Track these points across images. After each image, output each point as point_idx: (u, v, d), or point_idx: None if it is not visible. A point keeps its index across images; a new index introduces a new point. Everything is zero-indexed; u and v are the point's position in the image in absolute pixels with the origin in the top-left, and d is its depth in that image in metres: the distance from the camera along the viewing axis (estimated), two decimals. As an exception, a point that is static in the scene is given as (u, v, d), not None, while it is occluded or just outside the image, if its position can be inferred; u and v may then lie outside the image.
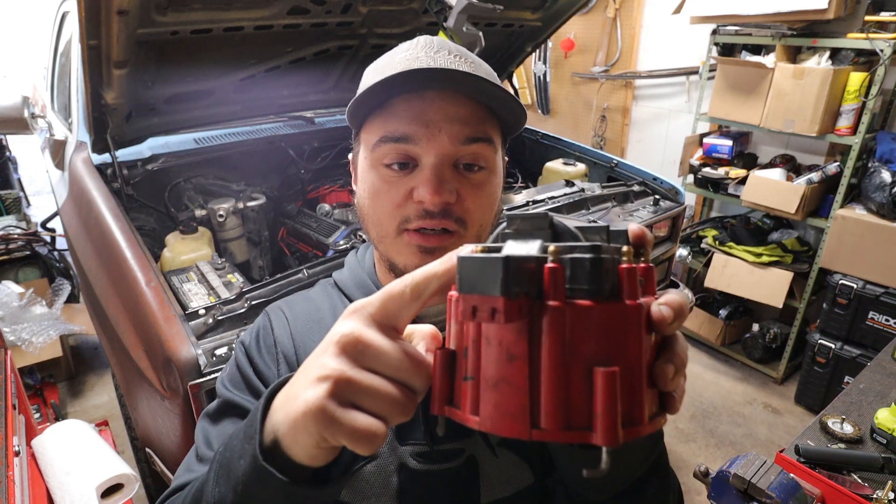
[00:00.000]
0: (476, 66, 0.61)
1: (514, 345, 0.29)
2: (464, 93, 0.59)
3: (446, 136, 0.57)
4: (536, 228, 0.34)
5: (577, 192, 2.04)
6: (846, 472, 1.25)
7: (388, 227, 0.61)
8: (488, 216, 0.63)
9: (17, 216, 3.28)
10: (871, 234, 2.42)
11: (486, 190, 0.62)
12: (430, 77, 0.56)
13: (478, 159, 0.60)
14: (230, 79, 1.83)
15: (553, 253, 0.29)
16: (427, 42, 0.62)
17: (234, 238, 1.88)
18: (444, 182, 0.58)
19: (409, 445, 0.64)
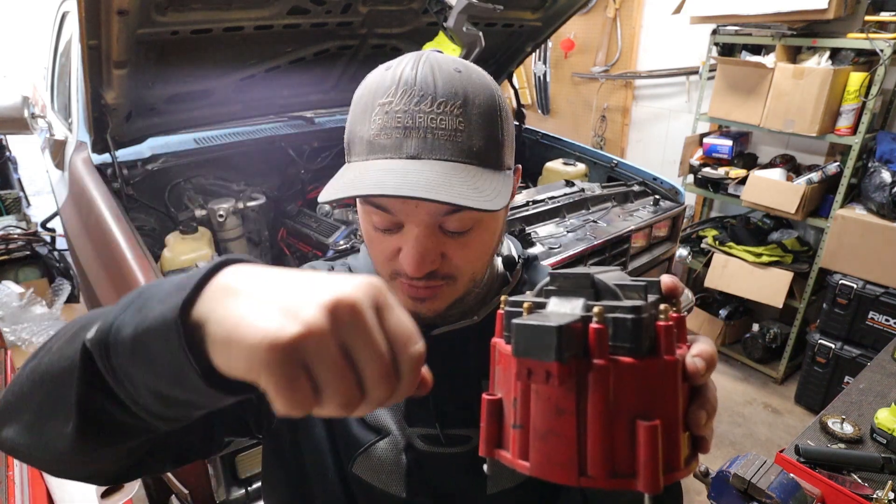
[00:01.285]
0: (465, 112, 0.54)
1: (562, 400, 0.32)
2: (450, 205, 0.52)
3: (424, 212, 0.55)
4: (579, 287, 0.36)
5: (577, 192, 2.04)
6: (846, 472, 1.25)
7: (382, 271, 0.61)
8: (482, 262, 0.62)
9: (17, 216, 3.28)
10: (871, 234, 2.42)
11: (475, 245, 0.59)
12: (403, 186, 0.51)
13: (464, 225, 0.57)
14: (230, 79, 1.83)
15: (598, 314, 0.31)
16: (406, 86, 0.53)
17: (234, 238, 1.88)
18: (426, 255, 0.55)
19: (417, 427, 0.67)
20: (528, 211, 1.86)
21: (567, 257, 1.70)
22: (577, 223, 1.90)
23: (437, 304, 0.61)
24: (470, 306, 0.70)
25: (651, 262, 2.11)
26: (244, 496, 1.39)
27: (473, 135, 0.54)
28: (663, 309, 0.33)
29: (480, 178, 0.53)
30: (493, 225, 0.61)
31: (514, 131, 0.63)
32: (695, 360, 0.35)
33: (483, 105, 0.55)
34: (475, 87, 0.56)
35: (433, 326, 0.67)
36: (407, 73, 0.54)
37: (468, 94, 0.55)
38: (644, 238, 2.07)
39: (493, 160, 0.57)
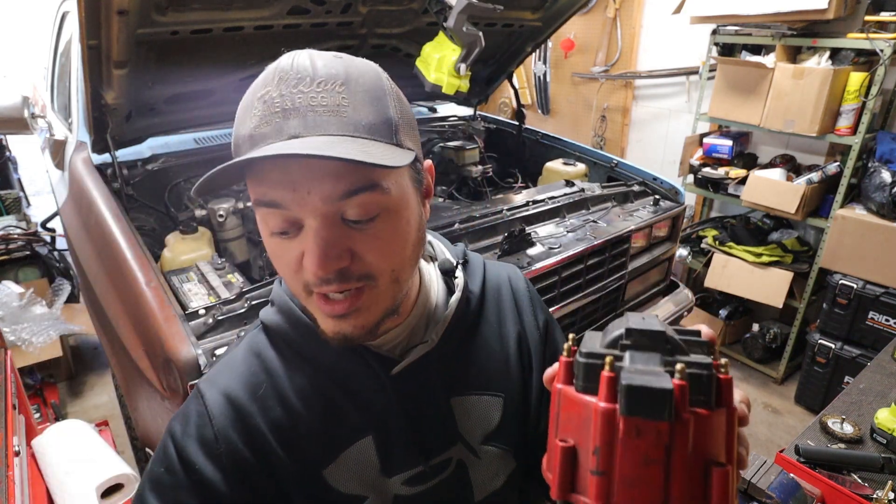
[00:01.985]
0: (348, 89, 0.50)
1: (652, 451, 0.34)
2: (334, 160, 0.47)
3: (318, 198, 0.48)
4: (655, 342, 0.38)
5: (577, 192, 2.04)
6: (846, 472, 1.25)
7: (296, 290, 0.55)
8: (400, 258, 0.55)
9: (17, 216, 3.28)
10: (871, 234, 2.42)
11: (386, 236, 0.52)
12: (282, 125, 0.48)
13: (367, 211, 0.50)
14: (230, 79, 1.83)
15: (681, 372, 0.34)
16: (287, 68, 0.50)
17: (234, 238, 1.88)
18: (328, 250, 0.49)
19: (397, 475, 0.64)
20: (528, 211, 1.86)
21: (567, 257, 1.70)
22: (577, 223, 1.90)
23: (364, 317, 0.54)
24: (415, 329, 0.65)
25: (651, 262, 2.11)
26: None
27: (360, 109, 0.50)
28: (724, 364, 0.37)
29: (371, 146, 0.49)
30: (404, 212, 0.54)
31: (413, 121, 0.57)
32: (743, 407, 0.40)
33: (368, 83, 0.51)
34: (358, 68, 0.52)
35: (390, 365, 0.62)
36: (284, 63, 0.51)
37: (350, 74, 0.50)
38: (644, 238, 2.07)
39: (387, 135, 0.51)
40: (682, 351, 0.38)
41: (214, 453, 0.58)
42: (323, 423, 0.61)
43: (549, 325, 0.78)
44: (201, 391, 0.62)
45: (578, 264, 1.77)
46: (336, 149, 0.46)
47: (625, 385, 0.33)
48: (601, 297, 1.91)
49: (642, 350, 0.37)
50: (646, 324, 0.38)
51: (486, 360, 0.70)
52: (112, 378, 2.51)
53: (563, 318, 1.80)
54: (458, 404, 0.67)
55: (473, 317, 0.70)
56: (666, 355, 0.37)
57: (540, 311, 0.78)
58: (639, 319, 0.39)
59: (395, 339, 0.63)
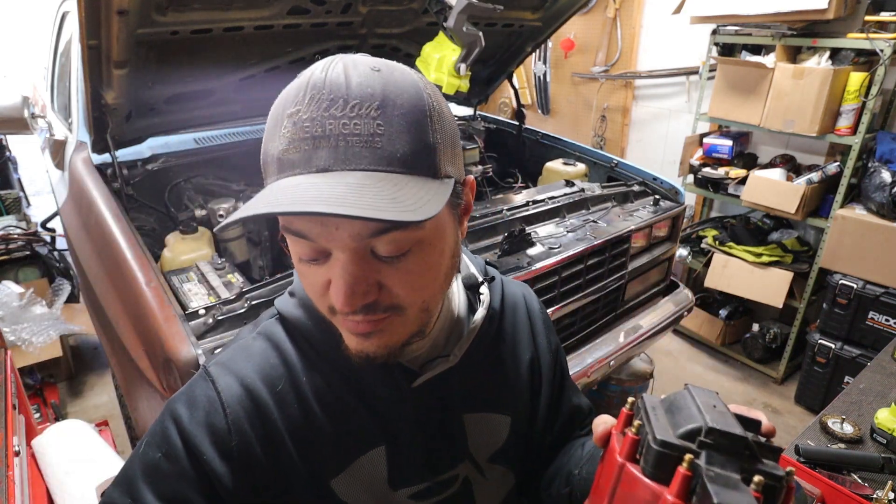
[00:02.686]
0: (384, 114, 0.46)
1: None
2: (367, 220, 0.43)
3: (346, 234, 0.46)
4: (734, 446, 0.38)
5: (577, 192, 2.04)
6: (846, 472, 1.25)
7: (320, 307, 0.54)
8: (431, 289, 0.53)
9: (17, 216, 3.28)
10: (871, 234, 2.42)
11: (417, 269, 0.50)
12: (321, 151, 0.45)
13: (399, 248, 0.48)
14: (230, 79, 1.83)
15: (758, 484, 0.35)
16: (314, 89, 0.46)
17: (234, 238, 1.88)
18: (355, 286, 0.47)
19: (404, 489, 0.63)
20: (528, 211, 1.86)
21: (567, 257, 1.69)
22: (577, 223, 1.90)
23: (387, 338, 0.52)
24: (436, 341, 0.63)
25: (651, 262, 2.11)
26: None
27: (395, 139, 0.46)
28: (790, 472, 0.38)
29: (405, 186, 0.45)
30: (438, 243, 0.51)
31: (455, 136, 0.54)
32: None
33: (407, 105, 0.47)
34: (397, 85, 0.48)
35: (412, 377, 0.60)
36: (316, 76, 0.47)
37: (388, 94, 0.46)
38: (644, 238, 2.07)
39: (425, 167, 0.48)
40: (757, 458, 0.38)
41: (226, 446, 0.55)
42: (338, 428, 0.59)
43: (559, 349, 0.79)
44: (212, 375, 0.58)
45: (578, 264, 1.77)
46: (364, 198, 0.43)
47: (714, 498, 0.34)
48: (601, 297, 1.91)
49: (721, 452, 0.37)
50: (726, 423, 0.38)
51: (500, 379, 0.70)
52: (112, 378, 2.51)
53: (563, 318, 1.80)
54: (470, 421, 0.67)
55: (492, 337, 0.70)
56: (744, 462, 0.37)
57: (553, 333, 0.79)
58: (713, 410, 0.40)
59: (417, 352, 0.62)
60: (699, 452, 0.37)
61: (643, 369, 2.33)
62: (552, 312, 1.72)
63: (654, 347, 2.93)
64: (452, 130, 0.53)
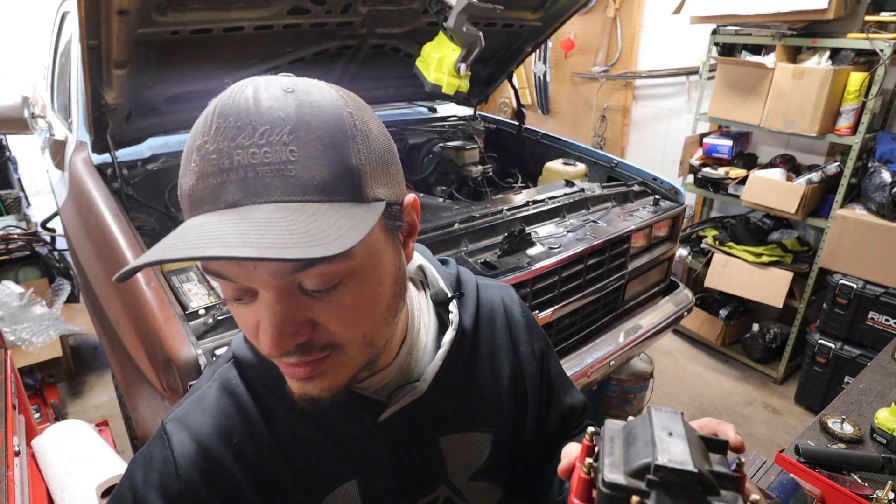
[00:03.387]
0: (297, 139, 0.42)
1: None
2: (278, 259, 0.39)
3: (266, 273, 0.42)
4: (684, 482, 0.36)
5: (577, 192, 2.04)
6: (846, 472, 1.25)
7: (259, 350, 0.50)
8: (371, 322, 0.49)
9: (17, 216, 3.28)
10: (871, 234, 2.42)
11: (353, 303, 0.46)
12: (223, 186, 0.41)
13: (326, 281, 0.44)
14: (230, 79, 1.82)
15: None
16: (221, 118, 0.43)
17: (234, 238, 1.88)
18: (283, 328, 0.44)
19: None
20: (528, 211, 1.87)
21: (567, 257, 1.70)
22: (577, 223, 1.90)
23: (330, 380, 0.49)
24: (403, 367, 0.60)
25: (651, 262, 2.11)
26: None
27: (311, 164, 0.42)
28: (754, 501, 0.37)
29: (321, 217, 0.41)
30: (374, 273, 0.47)
31: (388, 155, 0.49)
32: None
33: (324, 127, 0.43)
34: (312, 106, 0.43)
35: (377, 410, 0.57)
36: (223, 102, 0.43)
37: (302, 116, 0.42)
38: (644, 238, 2.07)
39: (347, 192, 0.43)
40: (713, 490, 0.36)
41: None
42: (303, 469, 0.57)
43: (545, 353, 0.75)
44: (168, 433, 0.56)
45: (578, 264, 1.77)
46: (271, 233, 0.38)
47: None
48: (601, 297, 1.91)
49: (670, 490, 0.36)
50: (678, 455, 0.36)
51: (478, 397, 0.67)
52: (112, 378, 2.51)
53: (563, 318, 1.80)
54: (447, 443, 0.64)
55: (466, 354, 0.65)
56: (697, 498, 0.36)
57: (536, 338, 0.74)
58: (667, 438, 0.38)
59: (382, 381, 0.58)
60: (648, 492, 0.36)
61: (643, 369, 2.33)
62: (552, 312, 1.72)
63: (654, 347, 2.93)
64: (383, 149, 0.48)
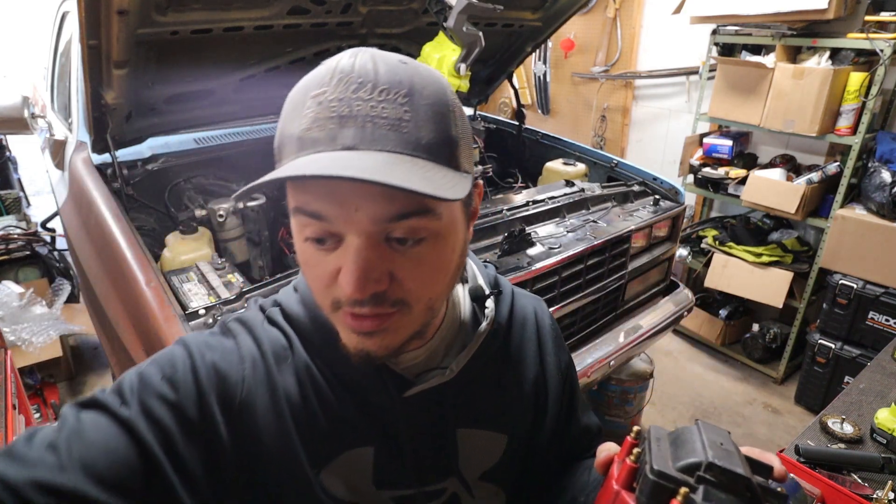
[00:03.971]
0: (412, 101, 0.46)
1: None
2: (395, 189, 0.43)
3: (365, 217, 0.45)
4: (733, 485, 0.36)
5: (577, 192, 2.04)
6: (846, 472, 1.25)
7: (322, 302, 0.52)
8: (439, 286, 0.52)
9: (17, 216, 3.28)
10: (871, 234, 2.42)
11: (428, 262, 0.49)
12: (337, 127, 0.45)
13: (415, 233, 0.47)
14: (230, 79, 1.83)
15: None
16: (347, 69, 0.46)
17: (234, 238, 1.88)
18: (369, 272, 0.46)
19: (387, 490, 0.62)
20: (528, 211, 1.86)
21: (567, 257, 1.70)
22: (577, 223, 1.90)
23: (390, 338, 0.51)
24: (435, 351, 0.62)
25: (651, 262, 2.11)
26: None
27: (422, 126, 0.46)
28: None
29: (431, 170, 0.45)
30: (451, 239, 0.51)
31: (470, 136, 0.54)
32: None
33: (433, 97, 0.47)
34: (423, 77, 0.48)
35: (403, 386, 0.59)
36: (344, 62, 0.46)
37: (414, 84, 0.47)
38: (644, 238, 2.07)
39: (447, 158, 0.48)
40: (759, 501, 0.36)
41: (231, 397, 0.55)
42: (330, 420, 0.59)
43: (569, 367, 0.76)
44: (233, 330, 0.59)
45: (578, 264, 1.77)
46: (395, 173, 0.42)
47: None
48: (601, 297, 1.90)
49: (719, 489, 0.36)
50: (729, 461, 0.36)
51: (499, 397, 0.68)
52: (112, 378, 2.51)
53: (563, 318, 1.80)
54: (463, 436, 0.65)
55: (495, 353, 0.67)
56: (742, 501, 0.35)
57: (562, 351, 0.75)
58: (718, 447, 0.37)
59: (412, 360, 0.60)
60: (696, 487, 0.36)
61: (643, 369, 2.33)
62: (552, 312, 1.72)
63: (654, 347, 2.93)
64: (469, 131, 0.53)
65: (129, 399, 0.51)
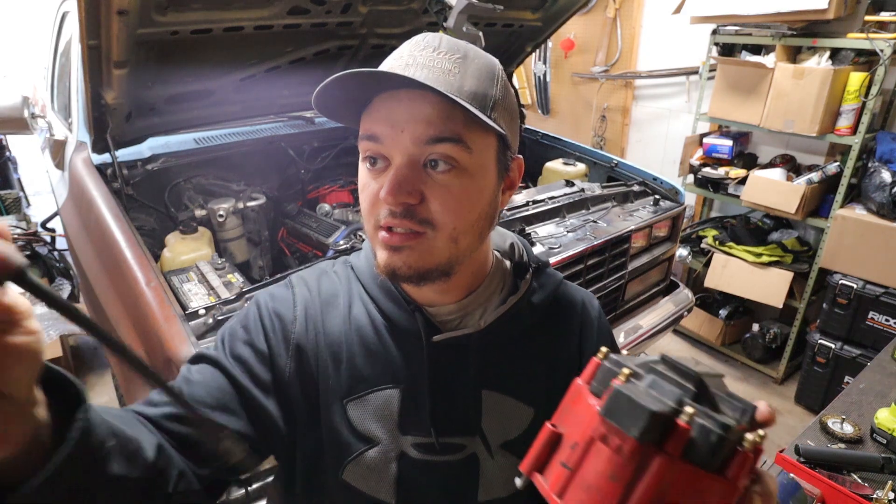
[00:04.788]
0: (463, 63, 0.59)
1: (620, 470, 0.33)
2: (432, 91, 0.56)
3: (409, 137, 0.57)
4: (683, 379, 0.36)
5: (577, 192, 2.04)
6: (846, 472, 1.25)
7: (369, 223, 0.62)
8: (463, 220, 0.60)
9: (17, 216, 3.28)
10: (871, 234, 2.42)
11: (455, 191, 0.58)
12: (387, 78, 0.56)
13: (447, 159, 0.57)
14: (230, 79, 1.83)
15: (689, 416, 0.33)
16: (417, 42, 0.60)
17: (234, 238, 1.88)
18: (402, 183, 0.56)
19: (410, 436, 0.66)
20: (528, 211, 1.86)
21: (567, 257, 1.70)
22: (577, 223, 1.90)
23: (414, 258, 0.59)
24: (471, 313, 0.69)
25: (651, 262, 2.11)
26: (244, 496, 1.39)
27: (466, 78, 0.58)
28: (750, 440, 0.34)
29: (470, 105, 0.56)
30: (479, 180, 0.60)
31: (514, 111, 0.64)
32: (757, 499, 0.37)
33: (482, 65, 0.60)
34: (477, 52, 0.61)
35: (434, 332, 0.66)
36: (419, 36, 0.61)
37: (469, 53, 0.60)
38: (644, 238, 2.07)
39: (481, 106, 0.58)
40: (710, 404, 0.35)
41: (287, 332, 0.68)
42: (365, 358, 0.67)
43: None
44: (292, 283, 0.73)
45: (578, 264, 1.77)
46: (448, 91, 0.54)
47: (615, 389, 0.33)
48: (601, 297, 1.90)
49: (667, 381, 0.36)
50: (686, 362, 0.36)
51: (529, 369, 0.71)
52: (112, 378, 2.51)
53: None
54: (488, 398, 0.68)
55: (530, 323, 0.71)
56: (689, 397, 0.35)
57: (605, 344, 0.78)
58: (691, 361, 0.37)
59: (448, 315, 0.68)
60: (642, 374, 0.36)
61: (643, 369, 2.33)
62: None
63: (654, 347, 2.93)
64: (513, 106, 0.64)
65: (219, 345, 0.68)
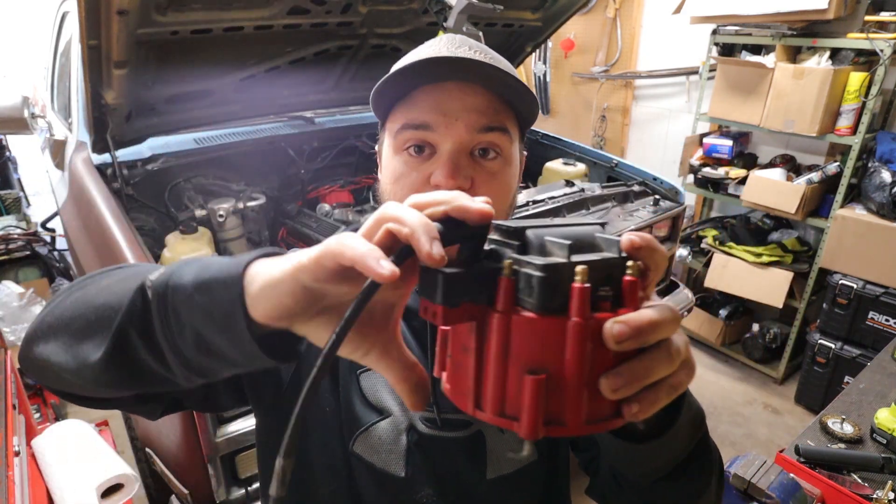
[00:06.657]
0: (495, 61, 0.63)
1: (467, 339, 0.35)
2: (481, 83, 0.60)
3: (463, 125, 0.59)
4: (509, 238, 0.36)
5: (577, 192, 2.04)
6: (846, 472, 1.25)
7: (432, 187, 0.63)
8: (502, 206, 0.64)
9: (17, 216, 3.29)
10: (871, 234, 2.42)
11: (501, 178, 0.63)
12: (449, 66, 0.59)
13: (494, 146, 0.61)
14: (230, 79, 1.83)
15: (506, 267, 0.33)
16: (450, 39, 0.64)
17: (234, 238, 1.88)
18: (459, 168, 0.59)
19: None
20: (528, 211, 1.86)
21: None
22: (577, 223, 1.90)
23: None
24: None
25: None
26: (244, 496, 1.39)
27: (497, 63, 0.62)
28: (580, 272, 0.31)
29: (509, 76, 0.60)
30: (512, 167, 0.65)
31: (534, 103, 0.66)
32: (613, 326, 0.31)
33: (505, 62, 0.65)
34: (499, 55, 0.66)
35: None
36: (448, 35, 0.65)
37: (494, 52, 0.66)
38: (644, 238, 2.07)
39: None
40: (539, 251, 0.34)
41: None
42: None
43: None
44: None
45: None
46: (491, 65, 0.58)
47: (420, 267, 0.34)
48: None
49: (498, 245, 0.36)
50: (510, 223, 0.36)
51: None
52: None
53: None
54: None
55: None
56: (516, 252, 0.34)
57: None
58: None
59: None
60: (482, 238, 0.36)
61: (643, 369, 2.33)
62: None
63: (654, 347, 2.92)
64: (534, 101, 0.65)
65: None
